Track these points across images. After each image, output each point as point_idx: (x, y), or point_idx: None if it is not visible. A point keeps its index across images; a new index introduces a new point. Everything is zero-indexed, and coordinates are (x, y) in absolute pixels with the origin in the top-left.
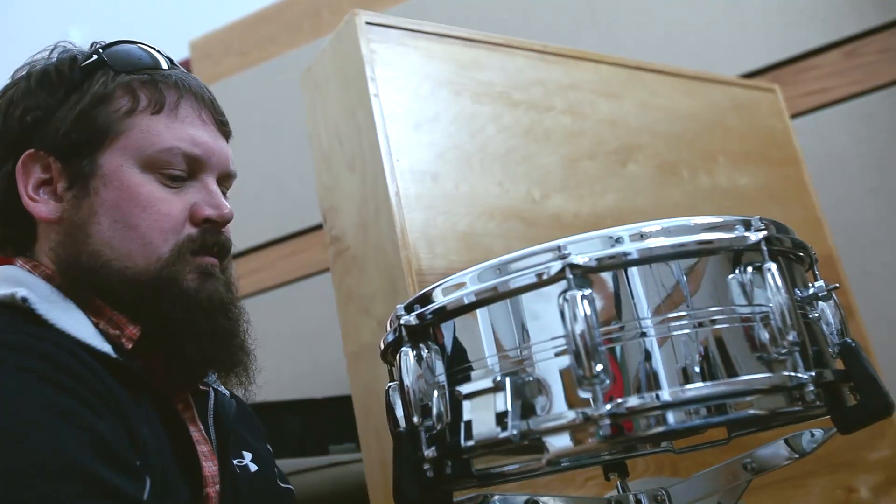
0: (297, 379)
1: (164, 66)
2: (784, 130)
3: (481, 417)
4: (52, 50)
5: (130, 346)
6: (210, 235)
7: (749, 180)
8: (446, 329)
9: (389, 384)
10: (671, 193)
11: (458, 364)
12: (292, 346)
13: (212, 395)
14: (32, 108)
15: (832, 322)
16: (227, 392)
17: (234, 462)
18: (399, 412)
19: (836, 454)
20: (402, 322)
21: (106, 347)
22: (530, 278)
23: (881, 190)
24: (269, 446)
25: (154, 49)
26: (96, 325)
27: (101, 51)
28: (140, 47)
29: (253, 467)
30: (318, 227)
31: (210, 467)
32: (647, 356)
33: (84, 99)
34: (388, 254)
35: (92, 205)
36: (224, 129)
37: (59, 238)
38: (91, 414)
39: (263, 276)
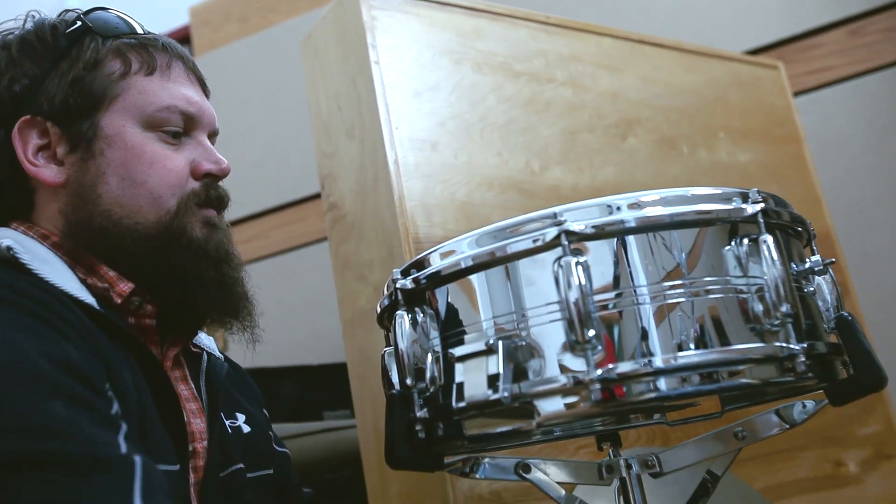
0: (292, 346)
1: (140, 31)
2: (786, 108)
3: (473, 380)
4: (25, 20)
5: (119, 301)
6: (212, 189)
7: (749, 157)
8: (441, 293)
9: (385, 349)
10: (670, 168)
11: (453, 328)
12: (288, 314)
13: (205, 357)
14: (19, 77)
15: (828, 298)
16: (221, 356)
17: (228, 422)
18: (394, 376)
19: (825, 429)
20: (398, 286)
21: (90, 299)
22: (526, 244)
23: (881, 170)
24: (265, 411)
25: (126, 15)
26: (84, 281)
27: (82, 17)
28: (116, 15)
29: (246, 429)
30: (317, 195)
31: (198, 424)
32: (641, 324)
33: (76, 65)
34: (386, 221)
35: (98, 166)
36: (206, 89)
37: (67, 200)
38: (57, 335)
39: (261, 244)
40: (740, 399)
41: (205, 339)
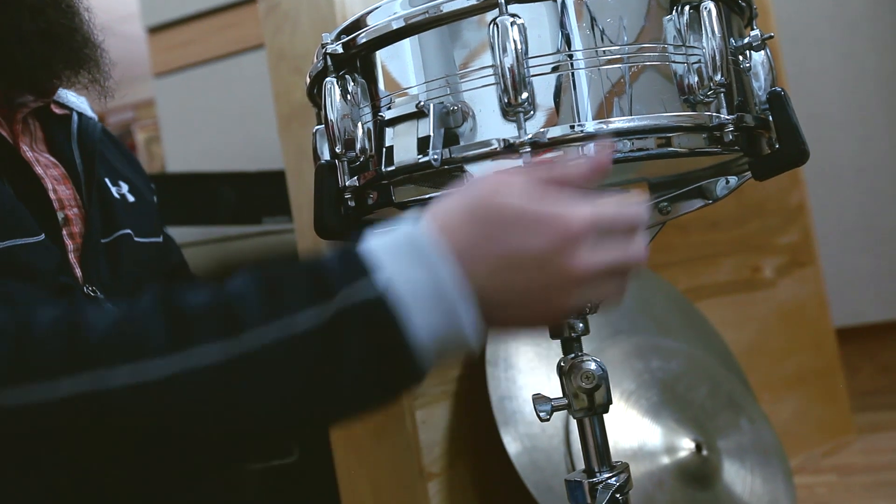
0: (231, 154)
1: None
2: None
3: (403, 143)
4: None
5: None
6: None
7: None
8: (372, 60)
9: (316, 127)
10: None
11: (384, 93)
12: (228, 121)
13: (74, 118)
14: None
15: (763, 80)
16: (95, 116)
17: (113, 189)
18: (324, 149)
19: (747, 237)
20: (327, 51)
21: None
22: (461, 3)
23: None
24: (152, 185)
25: None
26: None
27: None
28: None
29: (130, 198)
30: None
31: (63, 190)
32: (575, 88)
33: None
34: (322, 9)
35: None
36: None
37: None
38: None
39: (198, 49)
40: (668, 186)
41: (72, 98)
